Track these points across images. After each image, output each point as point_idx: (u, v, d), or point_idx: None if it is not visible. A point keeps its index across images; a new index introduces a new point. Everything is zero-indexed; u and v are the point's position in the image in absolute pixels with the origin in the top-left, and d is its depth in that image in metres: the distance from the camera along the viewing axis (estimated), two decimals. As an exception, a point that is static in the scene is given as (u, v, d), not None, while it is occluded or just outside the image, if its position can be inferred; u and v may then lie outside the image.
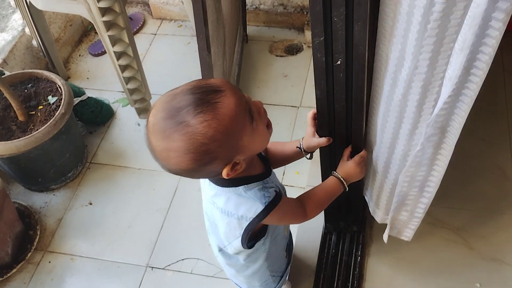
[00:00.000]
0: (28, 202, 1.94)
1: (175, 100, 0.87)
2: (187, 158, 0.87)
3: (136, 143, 2.07)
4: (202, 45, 1.46)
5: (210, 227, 1.15)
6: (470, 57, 0.84)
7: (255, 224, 1.02)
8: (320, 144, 1.18)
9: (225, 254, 1.17)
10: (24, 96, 1.88)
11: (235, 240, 1.07)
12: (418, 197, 1.22)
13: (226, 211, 1.03)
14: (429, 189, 1.18)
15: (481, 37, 0.80)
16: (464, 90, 0.92)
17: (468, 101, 0.94)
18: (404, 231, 1.34)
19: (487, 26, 0.78)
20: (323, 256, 1.56)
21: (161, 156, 0.89)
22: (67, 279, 1.74)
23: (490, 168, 1.73)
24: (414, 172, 1.13)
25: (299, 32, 2.40)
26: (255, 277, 1.25)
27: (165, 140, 0.86)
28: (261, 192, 1.01)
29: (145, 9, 2.61)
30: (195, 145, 0.85)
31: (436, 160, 1.10)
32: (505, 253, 1.53)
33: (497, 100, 1.93)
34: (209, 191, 1.05)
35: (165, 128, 0.86)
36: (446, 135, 1.03)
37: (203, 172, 0.93)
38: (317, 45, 0.97)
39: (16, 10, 2.24)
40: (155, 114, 0.88)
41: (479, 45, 0.81)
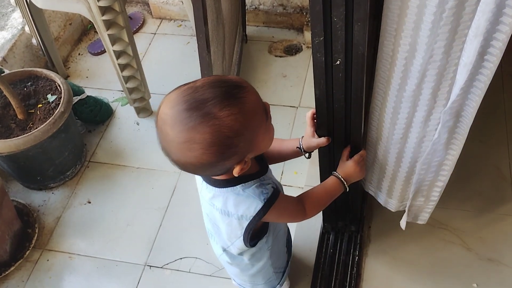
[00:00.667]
0: (27, 200, 1.94)
1: (198, 92, 0.86)
2: (210, 151, 0.86)
3: (135, 142, 2.07)
4: (202, 44, 1.46)
5: (212, 228, 1.15)
6: (484, 44, 0.85)
7: (255, 222, 1.02)
8: (320, 144, 1.19)
9: (229, 254, 1.17)
10: (24, 95, 1.88)
11: (237, 240, 1.08)
12: (434, 182, 1.24)
13: (225, 212, 1.03)
14: (444, 172, 1.21)
15: (495, 24, 0.81)
16: (478, 76, 0.94)
17: (482, 86, 0.95)
18: (420, 215, 1.36)
19: (501, 13, 0.79)
20: (321, 255, 1.57)
21: (180, 148, 0.88)
22: (65, 277, 1.74)
23: (488, 169, 1.74)
24: (431, 159, 1.16)
25: (299, 32, 2.40)
26: (259, 275, 1.25)
27: (189, 131, 0.85)
28: (259, 189, 1.01)
29: (145, 8, 2.62)
30: (221, 137, 0.85)
31: (451, 144, 1.13)
32: (502, 254, 1.54)
33: (496, 101, 1.93)
34: (207, 193, 1.05)
35: (189, 120, 0.84)
36: (461, 119, 1.06)
37: (217, 168, 0.92)
38: (317, 45, 0.97)
39: (16, 8, 2.25)
40: (173, 106, 0.86)
41: (493, 31, 0.82)
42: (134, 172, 1.99)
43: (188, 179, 1.94)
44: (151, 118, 2.14)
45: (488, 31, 0.83)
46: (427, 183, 1.26)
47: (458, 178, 1.72)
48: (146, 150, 2.04)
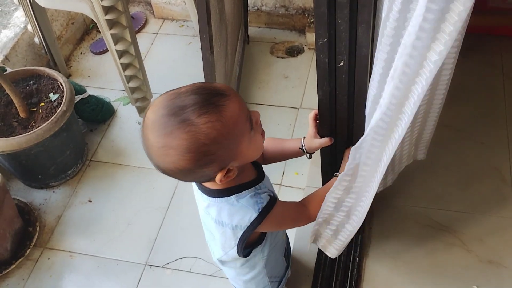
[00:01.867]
0: (28, 199, 1.94)
1: (179, 98, 0.86)
2: (186, 158, 0.86)
3: (137, 142, 2.08)
4: (205, 44, 1.46)
5: (209, 235, 1.15)
6: (404, 93, 0.77)
7: (250, 232, 1.01)
8: (322, 145, 1.19)
9: (223, 261, 1.17)
10: (26, 93, 1.88)
11: (231, 250, 1.07)
12: (344, 222, 1.18)
13: (220, 222, 1.02)
14: (356, 218, 1.13)
15: (416, 75, 0.73)
16: (395, 128, 0.84)
17: (396, 137, 0.86)
18: (328, 248, 1.29)
19: (421, 65, 0.71)
20: (322, 256, 1.57)
21: (158, 153, 0.88)
22: (65, 276, 1.74)
23: (488, 171, 1.74)
24: (342, 196, 1.09)
25: (300, 34, 2.41)
26: (253, 282, 1.24)
27: (166, 137, 0.85)
28: (254, 199, 1.00)
29: (147, 8, 2.62)
30: (197, 144, 0.85)
31: (366, 192, 1.05)
32: (503, 256, 1.54)
33: (496, 103, 1.94)
34: (202, 202, 1.04)
35: (167, 125, 0.85)
36: (377, 168, 0.97)
37: (197, 175, 0.92)
38: (321, 46, 0.97)
39: (18, 7, 2.25)
40: (156, 111, 0.87)
41: (412, 82, 0.75)
42: (135, 171, 1.99)
43: (189, 179, 1.94)
44: (152, 118, 2.14)
45: (409, 81, 0.74)
46: (337, 219, 1.18)
47: (459, 179, 1.73)
48: (147, 150, 2.04)
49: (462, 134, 1.85)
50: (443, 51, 0.66)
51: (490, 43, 2.12)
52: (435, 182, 1.73)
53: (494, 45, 2.12)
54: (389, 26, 0.76)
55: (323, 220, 1.19)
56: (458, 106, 1.91)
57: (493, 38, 2.13)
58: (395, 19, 0.74)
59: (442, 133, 1.80)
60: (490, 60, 2.08)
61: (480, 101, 1.95)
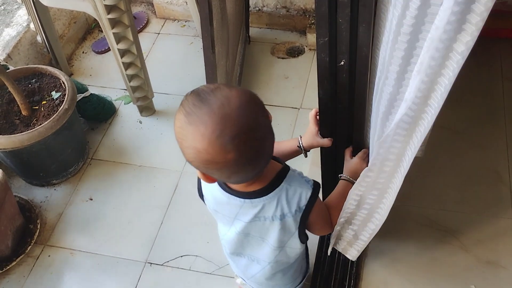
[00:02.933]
0: (29, 196, 1.95)
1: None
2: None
3: (138, 141, 2.09)
4: (207, 44, 1.47)
5: (256, 245, 1.13)
6: (430, 86, 0.79)
7: (309, 210, 1.03)
8: (322, 145, 1.20)
9: (275, 264, 1.17)
10: (28, 91, 1.89)
11: (290, 239, 1.09)
12: (366, 221, 1.18)
13: (278, 216, 1.03)
14: (378, 216, 1.14)
15: (441, 67, 0.75)
16: (420, 121, 0.86)
17: (422, 130, 0.87)
18: (349, 250, 1.30)
19: (447, 57, 0.73)
20: (321, 255, 1.58)
21: (266, 132, 0.91)
22: (66, 273, 1.75)
23: (487, 173, 1.76)
24: (364, 192, 1.09)
25: (301, 34, 2.42)
26: (297, 270, 1.28)
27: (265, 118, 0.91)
28: (302, 178, 1.04)
29: (149, 8, 2.63)
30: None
31: (389, 188, 1.05)
32: (500, 256, 1.55)
33: (496, 105, 1.95)
34: (252, 210, 1.03)
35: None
36: (401, 164, 0.97)
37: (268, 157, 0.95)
38: (322, 46, 0.99)
39: (21, 5, 2.26)
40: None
41: (438, 75, 0.76)
42: (136, 170, 2.00)
43: (190, 177, 1.95)
44: (153, 117, 2.15)
45: (436, 73, 0.76)
46: (359, 219, 1.18)
47: (458, 180, 1.74)
48: (148, 149, 2.05)
49: (461, 136, 1.86)
50: (469, 42, 0.68)
51: (490, 45, 2.13)
52: (434, 183, 1.74)
53: (493, 47, 2.13)
54: (406, 24, 0.77)
55: (345, 220, 1.19)
56: (457, 108, 1.92)
57: (493, 40, 2.14)
58: (413, 16, 0.75)
59: (441, 135, 1.82)
60: (489, 62, 2.09)
61: (479, 103, 1.97)
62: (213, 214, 1.13)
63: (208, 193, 1.08)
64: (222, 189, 1.03)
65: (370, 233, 1.19)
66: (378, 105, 0.99)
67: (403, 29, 0.79)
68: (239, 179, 0.95)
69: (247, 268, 1.22)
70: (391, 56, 0.86)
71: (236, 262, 1.24)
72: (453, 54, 0.71)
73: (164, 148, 2.05)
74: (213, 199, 1.07)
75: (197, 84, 2.55)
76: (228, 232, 1.13)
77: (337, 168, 1.27)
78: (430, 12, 0.73)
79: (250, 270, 1.22)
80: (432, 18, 0.72)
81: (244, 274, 1.26)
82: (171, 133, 2.26)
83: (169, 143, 2.06)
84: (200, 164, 0.87)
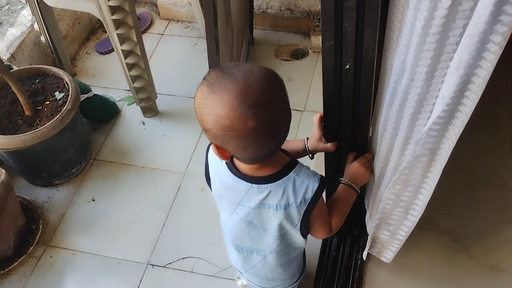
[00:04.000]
0: (31, 197, 1.95)
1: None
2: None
3: (140, 142, 2.09)
4: (212, 46, 1.47)
5: (256, 235, 1.13)
6: (466, 79, 0.81)
7: (314, 203, 1.04)
8: (326, 149, 1.20)
9: (276, 254, 1.17)
10: (32, 91, 1.89)
11: (292, 229, 1.09)
12: (402, 219, 1.17)
13: (282, 205, 1.04)
14: (414, 212, 1.13)
15: (477, 59, 0.77)
16: (456, 113, 0.89)
17: (459, 124, 0.90)
18: (384, 252, 1.28)
19: (483, 49, 0.75)
20: (324, 258, 1.58)
21: (284, 108, 0.95)
22: (68, 273, 1.75)
23: (490, 177, 1.75)
24: (400, 190, 1.09)
25: (305, 37, 2.42)
26: (296, 267, 1.29)
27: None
28: (310, 171, 1.05)
29: (153, 9, 2.63)
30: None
31: (424, 183, 1.06)
32: (504, 262, 1.55)
33: (500, 110, 1.95)
34: (258, 195, 1.04)
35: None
36: (436, 158, 0.99)
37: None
38: (327, 49, 0.98)
39: (25, 5, 2.26)
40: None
41: (474, 67, 0.79)
42: (138, 171, 2.00)
43: (193, 179, 1.95)
44: (157, 118, 2.15)
45: (470, 66, 0.78)
46: (395, 217, 1.18)
47: (461, 185, 1.74)
48: (151, 150, 2.05)
49: (465, 140, 1.85)
50: (506, 32, 0.69)
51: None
52: (437, 187, 1.73)
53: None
54: (436, 24, 0.79)
55: (380, 221, 1.19)
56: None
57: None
58: (444, 15, 0.76)
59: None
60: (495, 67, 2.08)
61: (484, 107, 1.94)
62: (216, 199, 1.14)
63: (215, 176, 1.09)
64: (230, 172, 1.04)
65: (406, 231, 1.20)
66: (402, 107, 0.99)
67: (432, 30, 0.80)
68: (254, 155, 0.95)
69: (247, 259, 1.23)
70: (417, 58, 0.87)
71: (236, 254, 1.24)
72: (489, 45, 0.73)
73: (167, 149, 2.05)
74: (220, 182, 1.08)
75: (200, 85, 2.49)
76: (229, 219, 1.14)
77: (340, 172, 1.26)
78: (461, 9, 0.75)
79: (250, 261, 1.23)
80: (464, 14, 0.74)
81: (243, 266, 1.27)
82: (174, 135, 2.26)
83: (172, 144, 2.06)
84: (219, 130, 0.89)
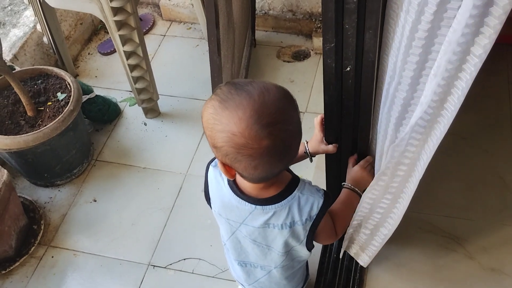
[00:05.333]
0: (33, 197, 1.95)
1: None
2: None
3: (142, 142, 2.09)
4: (213, 47, 1.47)
5: (260, 252, 1.13)
6: (446, 89, 0.79)
7: (319, 219, 1.03)
8: (327, 152, 1.20)
9: (281, 269, 1.17)
10: (34, 92, 1.90)
11: (297, 245, 1.09)
12: (380, 226, 1.17)
13: (288, 224, 1.03)
14: (391, 221, 1.12)
15: (458, 70, 0.75)
16: (436, 124, 0.87)
17: (437, 135, 0.87)
18: (361, 255, 1.27)
19: (464, 60, 0.73)
20: (324, 260, 1.58)
21: (297, 129, 0.94)
22: (69, 274, 1.75)
23: (492, 179, 1.75)
24: (378, 196, 1.09)
25: (307, 38, 2.42)
26: (301, 277, 1.29)
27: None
28: (314, 187, 1.04)
29: (155, 10, 2.64)
30: None
31: (403, 192, 1.05)
32: (505, 264, 1.54)
33: (502, 111, 1.94)
34: (262, 216, 1.03)
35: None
36: (415, 168, 0.97)
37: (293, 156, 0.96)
38: (328, 51, 0.99)
39: (28, 6, 2.27)
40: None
41: (455, 78, 0.77)
42: (140, 172, 2.00)
43: (194, 180, 1.95)
44: (158, 119, 2.15)
45: (452, 77, 0.76)
46: (372, 223, 1.17)
47: (462, 187, 1.73)
48: (152, 151, 2.06)
49: (467, 142, 1.85)
50: (487, 45, 0.68)
51: (497, 51, 2.11)
52: (439, 189, 1.74)
53: (500, 53, 2.13)
54: (421, 29, 0.77)
55: (357, 223, 1.18)
56: (463, 114, 1.90)
57: (500, 46, 2.12)
58: (429, 21, 0.75)
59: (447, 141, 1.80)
60: (496, 68, 2.08)
61: (486, 109, 1.96)
62: (216, 217, 1.13)
63: (216, 196, 1.08)
64: (233, 192, 1.02)
65: (383, 238, 1.18)
66: (389, 111, 0.99)
67: (417, 34, 0.79)
68: (263, 174, 0.93)
69: (250, 274, 1.22)
70: (404, 61, 0.86)
71: (239, 269, 1.23)
72: (470, 57, 0.71)
73: (169, 150, 2.05)
74: (221, 203, 1.07)
75: (202, 86, 2.55)
76: (231, 237, 1.12)
77: (341, 174, 1.26)
78: (446, 16, 0.73)
79: (254, 275, 1.22)
80: (449, 22, 0.72)
81: (246, 280, 1.26)
82: (176, 136, 2.26)
83: (174, 145, 2.06)
84: (232, 148, 0.87)
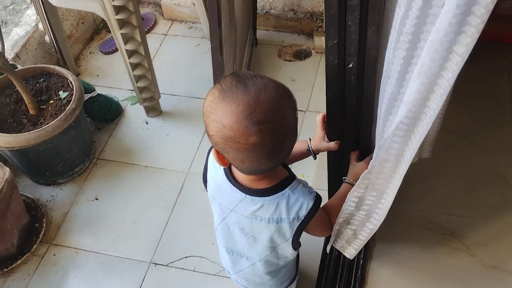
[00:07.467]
0: (35, 195, 1.96)
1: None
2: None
3: (144, 141, 2.09)
4: (215, 46, 1.48)
5: (247, 242, 1.14)
6: (428, 87, 0.78)
7: (307, 222, 1.04)
8: (329, 149, 1.20)
9: (265, 263, 1.18)
10: (36, 90, 1.90)
11: (282, 244, 1.09)
12: (365, 221, 1.18)
13: (275, 219, 1.04)
14: (377, 216, 1.13)
15: (441, 69, 0.75)
16: (419, 122, 0.86)
17: (420, 133, 0.87)
18: (347, 248, 1.29)
19: (447, 59, 0.73)
20: (326, 258, 1.58)
21: (290, 129, 0.94)
22: (71, 272, 1.76)
23: (493, 177, 1.75)
24: (363, 194, 1.09)
25: (308, 37, 2.42)
26: (286, 274, 1.29)
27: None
28: (306, 189, 1.05)
29: (157, 9, 2.64)
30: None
31: (387, 188, 1.05)
32: (506, 261, 1.55)
33: (502, 110, 1.95)
34: (251, 206, 1.04)
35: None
36: (399, 165, 0.97)
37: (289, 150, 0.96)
38: (330, 48, 0.99)
39: (30, 5, 2.27)
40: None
41: (437, 76, 0.76)
42: (142, 170, 2.01)
43: (196, 179, 1.95)
44: (160, 118, 2.16)
45: (434, 75, 0.75)
46: (357, 219, 1.17)
47: (463, 185, 1.74)
48: (154, 149, 2.06)
49: (467, 140, 1.86)
50: (469, 44, 0.68)
51: (497, 50, 2.13)
52: (440, 186, 1.74)
53: (501, 52, 2.13)
54: (409, 24, 0.78)
55: (343, 220, 1.19)
56: (464, 112, 1.92)
57: (500, 45, 2.14)
58: (415, 16, 0.75)
59: (448, 139, 1.82)
60: (496, 67, 2.09)
61: (486, 107, 1.96)
62: (210, 201, 1.15)
63: (212, 179, 1.09)
64: (227, 178, 1.04)
65: (368, 233, 1.19)
66: (381, 105, 1.00)
67: (405, 28, 0.79)
68: (251, 168, 0.94)
69: (236, 263, 1.24)
70: (393, 55, 0.86)
71: (227, 256, 1.25)
72: (453, 56, 0.71)
73: (170, 149, 2.05)
74: (216, 186, 1.08)
75: (204, 85, 2.56)
76: (222, 222, 1.14)
77: (343, 171, 1.27)
78: (431, 13, 0.73)
79: (239, 264, 1.23)
80: (433, 19, 0.72)
81: (232, 268, 1.28)
82: (178, 134, 2.27)
83: (175, 144, 2.07)
84: (221, 139, 0.88)
